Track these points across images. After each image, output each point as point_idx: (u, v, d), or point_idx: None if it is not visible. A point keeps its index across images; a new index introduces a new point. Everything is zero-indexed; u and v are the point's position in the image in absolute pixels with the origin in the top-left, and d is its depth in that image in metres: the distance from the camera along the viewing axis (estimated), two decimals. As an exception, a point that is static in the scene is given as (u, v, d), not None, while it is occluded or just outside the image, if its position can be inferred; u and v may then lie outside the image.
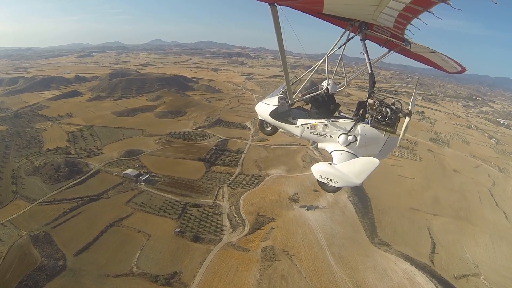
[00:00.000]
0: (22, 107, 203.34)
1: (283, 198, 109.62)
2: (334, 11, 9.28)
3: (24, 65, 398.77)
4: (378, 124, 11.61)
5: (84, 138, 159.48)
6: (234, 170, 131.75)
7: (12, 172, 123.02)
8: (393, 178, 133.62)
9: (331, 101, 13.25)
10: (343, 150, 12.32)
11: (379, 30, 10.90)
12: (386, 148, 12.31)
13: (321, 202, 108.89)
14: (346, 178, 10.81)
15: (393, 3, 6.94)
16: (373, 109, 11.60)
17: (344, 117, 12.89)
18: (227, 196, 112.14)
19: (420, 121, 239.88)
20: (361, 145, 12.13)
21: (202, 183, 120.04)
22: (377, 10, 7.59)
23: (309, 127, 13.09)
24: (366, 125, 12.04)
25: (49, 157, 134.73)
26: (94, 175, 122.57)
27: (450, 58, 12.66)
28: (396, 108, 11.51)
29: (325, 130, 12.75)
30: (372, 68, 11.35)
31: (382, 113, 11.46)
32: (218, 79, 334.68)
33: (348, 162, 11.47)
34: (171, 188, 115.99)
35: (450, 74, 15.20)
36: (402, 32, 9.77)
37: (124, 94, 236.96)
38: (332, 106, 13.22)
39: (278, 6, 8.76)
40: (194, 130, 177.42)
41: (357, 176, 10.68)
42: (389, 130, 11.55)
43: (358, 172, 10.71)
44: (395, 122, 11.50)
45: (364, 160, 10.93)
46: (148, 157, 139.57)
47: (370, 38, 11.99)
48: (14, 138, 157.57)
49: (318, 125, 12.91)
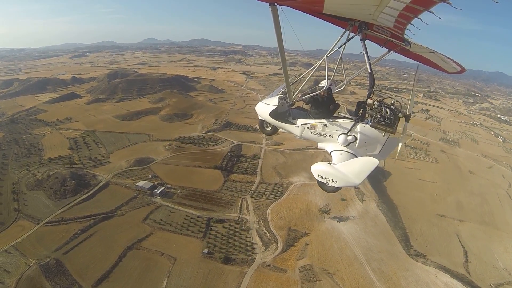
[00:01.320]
0: (18, 111, 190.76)
1: (311, 209, 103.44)
2: (334, 11, 9.20)
3: (18, 66, 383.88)
4: (377, 124, 11.43)
5: (88, 145, 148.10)
6: (254, 179, 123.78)
7: (13, 186, 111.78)
8: (414, 182, 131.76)
9: (330, 101, 13.31)
10: (342, 150, 12.17)
11: (379, 30, 10.78)
12: (386, 148, 12.11)
13: (351, 212, 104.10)
14: (346, 178, 10.66)
15: (393, 3, 6.87)
16: (373, 109, 11.44)
17: (344, 117, 12.63)
18: (252, 209, 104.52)
19: (427, 120, 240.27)
20: (360, 145, 11.98)
21: (223, 195, 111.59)
22: (377, 10, 7.53)
23: (309, 127, 12.97)
24: (366, 125, 11.81)
25: (51, 167, 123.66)
26: (104, 188, 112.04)
27: (450, 58, 12.60)
28: (396, 108, 11.37)
29: (324, 130, 12.63)
30: (371, 68, 11.10)
31: (382, 113, 11.29)
32: (219, 79, 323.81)
33: (348, 162, 11.38)
34: (190, 202, 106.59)
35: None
36: (402, 32, 9.67)
37: (125, 96, 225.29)
38: (332, 106, 13.23)
39: (278, 6, 8.63)
40: (204, 134, 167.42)
41: (356, 176, 10.55)
42: (389, 130, 11.39)
43: (358, 172, 10.58)
44: (394, 122, 11.34)
45: (364, 160, 10.93)
46: (160, 166, 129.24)
47: (370, 38, 11.88)
48: (11, 146, 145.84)
49: (317, 125, 12.77)
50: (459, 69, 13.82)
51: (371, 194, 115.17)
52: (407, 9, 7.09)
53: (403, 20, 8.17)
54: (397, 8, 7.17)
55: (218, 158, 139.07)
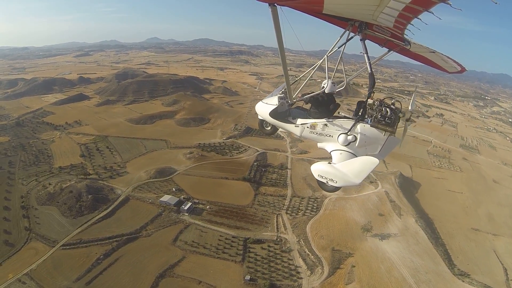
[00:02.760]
0: (24, 113, 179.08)
1: (351, 226, 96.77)
2: (334, 11, 9.16)
3: (21, 65, 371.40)
4: (377, 123, 11.37)
5: (101, 152, 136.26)
6: (285, 191, 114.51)
7: (22, 200, 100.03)
8: (444, 193, 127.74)
9: (330, 100, 13.14)
10: (342, 149, 12.13)
11: (379, 30, 10.80)
12: (385, 148, 11.94)
13: (391, 228, 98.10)
14: (346, 178, 10.66)
15: (393, 3, 6.87)
16: (373, 109, 11.37)
17: (344, 117, 12.52)
18: (290, 226, 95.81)
19: (443, 125, 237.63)
20: (360, 144, 11.87)
21: (256, 210, 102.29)
22: (377, 10, 7.53)
23: (309, 126, 12.91)
24: (366, 124, 11.72)
25: (63, 178, 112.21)
26: (124, 203, 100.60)
27: (450, 58, 12.72)
28: (396, 108, 11.27)
29: (324, 129, 12.58)
30: (372, 68, 11.07)
31: (382, 113, 11.21)
32: (231, 80, 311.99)
33: (348, 161, 11.40)
34: (221, 219, 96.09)
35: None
36: (402, 32, 9.68)
37: (136, 97, 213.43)
38: (332, 105, 13.09)
39: (278, 6, 8.56)
40: (225, 141, 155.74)
41: (356, 175, 10.56)
42: (389, 130, 11.29)
43: (358, 171, 10.62)
44: (394, 122, 11.24)
45: (364, 159, 10.96)
46: (183, 178, 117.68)
47: (370, 38, 11.89)
48: (18, 152, 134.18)
49: (317, 124, 12.73)
50: (459, 68, 13.92)
51: (407, 208, 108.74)
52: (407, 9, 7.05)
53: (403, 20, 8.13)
54: (397, 8, 7.14)
55: (244, 169, 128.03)
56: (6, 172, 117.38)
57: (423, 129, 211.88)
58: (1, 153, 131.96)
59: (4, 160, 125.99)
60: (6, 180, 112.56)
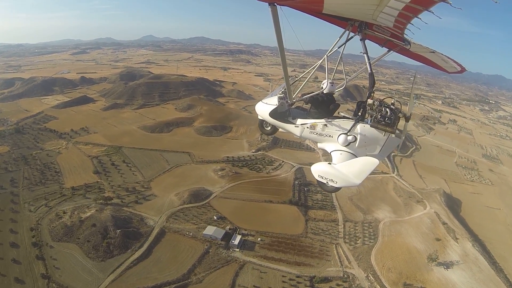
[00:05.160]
0: (24, 117, 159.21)
1: (414, 255, 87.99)
2: (334, 11, 9.12)
3: (17, 62, 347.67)
4: (377, 124, 11.27)
5: (117, 167, 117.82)
6: (336, 215, 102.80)
7: (32, 233, 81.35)
8: (484, 211, 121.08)
9: (330, 101, 13.14)
10: (342, 150, 12.02)
11: (379, 29, 10.79)
12: (385, 148, 11.88)
13: (452, 255, 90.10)
14: (346, 178, 10.56)
15: (393, 2, 6.80)
16: (373, 109, 11.27)
17: (344, 117, 12.40)
18: (353, 258, 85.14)
19: (460, 133, 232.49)
20: (360, 145, 11.80)
21: (311, 240, 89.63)
22: (377, 10, 7.46)
23: (309, 126, 12.78)
24: (366, 125, 11.62)
25: (78, 202, 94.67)
26: (160, 238, 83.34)
27: (450, 58, 12.77)
28: (396, 108, 11.25)
29: (324, 130, 12.46)
30: (371, 68, 11.01)
31: (382, 113, 11.13)
32: (240, 82, 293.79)
33: (348, 162, 11.32)
34: (278, 254, 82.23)
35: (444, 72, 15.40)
36: (402, 32, 9.70)
37: (146, 101, 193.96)
38: (332, 106, 13.04)
39: (278, 6, 8.50)
40: (254, 154, 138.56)
41: (356, 176, 10.46)
42: (389, 130, 11.21)
43: (358, 172, 10.53)
44: (394, 122, 11.18)
45: (364, 160, 10.94)
46: (222, 202, 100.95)
47: (370, 37, 11.85)
48: (20, 166, 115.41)
49: (317, 125, 12.61)
50: (459, 68, 13.89)
51: (460, 230, 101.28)
52: (406, 8, 6.99)
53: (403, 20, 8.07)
54: (397, 8, 7.06)
55: (287, 189, 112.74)
56: (8, 194, 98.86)
57: (442, 137, 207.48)
58: (1, 167, 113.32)
59: (5, 177, 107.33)
60: (10, 204, 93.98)
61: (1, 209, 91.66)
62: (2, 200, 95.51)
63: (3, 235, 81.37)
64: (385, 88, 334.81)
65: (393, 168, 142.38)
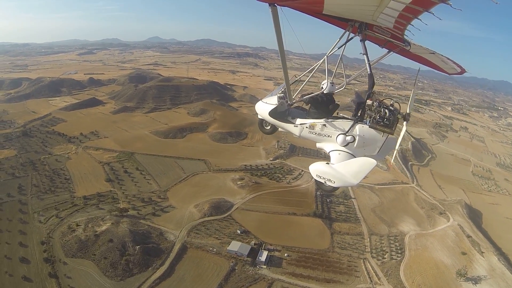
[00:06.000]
0: (31, 119, 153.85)
1: (442, 270, 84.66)
2: (334, 11, 9.09)
3: (23, 62, 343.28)
4: (376, 124, 11.22)
5: (130, 175, 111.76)
6: (360, 228, 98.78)
7: (43, 247, 75.06)
8: (504, 222, 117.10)
9: (330, 101, 13.12)
10: (341, 150, 12.02)
11: (379, 30, 10.80)
12: (384, 149, 11.93)
13: (479, 270, 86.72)
14: (343, 178, 10.65)
15: (393, 3, 6.78)
16: (372, 110, 11.25)
17: (343, 117, 12.44)
18: (382, 274, 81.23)
19: (472, 140, 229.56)
20: (359, 145, 11.80)
21: (339, 255, 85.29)
22: (377, 11, 7.42)
23: (308, 126, 12.77)
24: (365, 125, 11.62)
25: (91, 213, 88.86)
26: (182, 254, 77.46)
27: (450, 59, 12.59)
28: (395, 109, 11.22)
29: (323, 130, 12.44)
30: (371, 69, 11.01)
31: (381, 114, 11.10)
32: (251, 86, 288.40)
33: (346, 162, 11.32)
34: (306, 270, 77.56)
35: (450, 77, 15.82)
36: (402, 33, 9.66)
37: (157, 105, 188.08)
38: (331, 106, 13.05)
39: (278, 6, 8.49)
40: (272, 162, 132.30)
41: (354, 176, 10.52)
42: (387, 131, 11.18)
43: (356, 172, 10.57)
44: (393, 123, 11.14)
45: (362, 160, 10.86)
46: (244, 215, 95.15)
47: (370, 38, 11.77)
48: (28, 171, 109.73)
49: (316, 125, 12.59)
50: (459, 70, 13.67)
51: (484, 243, 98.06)
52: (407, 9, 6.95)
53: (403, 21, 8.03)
54: (397, 9, 7.02)
55: (309, 200, 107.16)
56: (17, 202, 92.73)
57: (456, 145, 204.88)
58: (8, 172, 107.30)
59: (12, 183, 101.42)
60: (18, 214, 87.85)
61: (9, 219, 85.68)
62: (10, 209, 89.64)
63: (12, 249, 75.32)
64: (394, 94, 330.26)
65: (412, 178, 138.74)
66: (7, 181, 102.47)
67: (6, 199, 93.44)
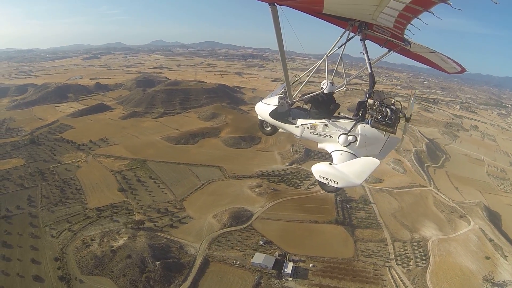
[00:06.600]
0: (38, 126, 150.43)
1: (468, 276, 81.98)
2: (334, 11, 9.02)
3: (28, 68, 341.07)
4: (378, 124, 11.11)
5: (143, 184, 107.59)
6: (382, 234, 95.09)
7: (57, 264, 70.72)
8: None
9: (330, 101, 12.94)
10: (343, 150, 11.81)
11: (379, 30, 10.65)
12: (386, 148, 11.74)
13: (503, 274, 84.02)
14: (347, 179, 10.36)
15: (393, 3, 6.72)
16: (373, 109, 11.11)
17: (344, 117, 12.30)
18: (409, 282, 78.14)
19: (484, 139, 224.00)
20: (361, 145, 11.61)
21: (364, 264, 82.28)
22: (377, 10, 7.35)
23: (309, 127, 12.59)
24: (366, 125, 11.46)
25: (106, 226, 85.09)
26: (204, 269, 73.61)
27: (450, 58, 12.44)
28: (396, 108, 11.05)
29: (325, 130, 12.26)
30: (371, 68, 10.85)
31: (382, 113, 10.94)
32: (259, 88, 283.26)
33: (348, 162, 11.10)
34: (333, 281, 74.41)
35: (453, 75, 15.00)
36: (402, 32, 9.57)
37: (167, 109, 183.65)
38: (332, 106, 12.85)
39: (278, 6, 8.41)
40: (288, 167, 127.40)
41: (357, 176, 10.27)
42: (389, 130, 11.05)
43: (359, 172, 10.32)
44: (395, 122, 11.00)
45: (364, 160, 10.63)
46: (265, 224, 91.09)
47: (370, 38, 11.69)
48: (37, 181, 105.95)
49: (318, 125, 12.42)
50: (459, 69, 13.53)
51: (507, 247, 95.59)
52: (406, 9, 6.88)
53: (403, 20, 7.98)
54: (396, 8, 6.95)
55: (330, 207, 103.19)
56: (27, 215, 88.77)
57: (468, 145, 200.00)
58: (17, 183, 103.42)
59: (21, 194, 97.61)
60: (29, 228, 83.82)
61: (19, 233, 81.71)
62: (20, 222, 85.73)
63: (24, 266, 71.15)
64: (401, 93, 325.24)
65: (429, 181, 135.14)
66: (16, 192, 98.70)
67: (16, 212, 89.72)
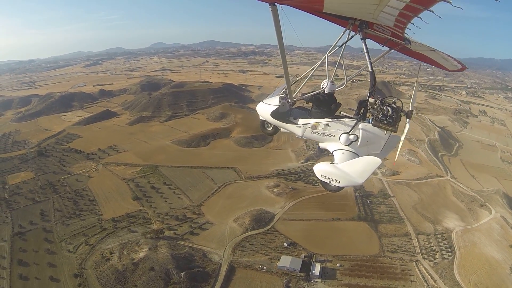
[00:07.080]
0: (45, 138, 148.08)
1: (494, 266, 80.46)
2: (334, 10, 8.99)
3: (30, 78, 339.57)
4: (379, 123, 10.87)
5: (158, 191, 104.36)
6: (405, 228, 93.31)
7: (77, 281, 67.91)
8: None
9: (331, 100, 12.75)
10: (344, 149, 11.60)
11: (379, 29, 10.54)
12: (387, 147, 11.51)
13: None
14: (349, 178, 10.27)
15: (393, 2, 6.70)
16: (374, 108, 10.91)
17: (346, 116, 12.08)
18: (437, 276, 76.45)
19: (493, 124, 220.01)
20: (362, 144, 11.38)
21: (390, 259, 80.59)
22: (378, 9, 7.30)
23: (311, 126, 12.39)
24: (368, 124, 11.26)
25: (124, 237, 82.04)
26: (231, 276, 71.20)
27: (450, 56, 12.39)
28: (397, 107, 10.86)
29: (326, 129, 12.05)
30: (372, 67, 10.75)
31: (383, 112, 10.74)
32: (265, 85, 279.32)
33: (350, 161, 10.96)
34: (361, 279, 72.86)
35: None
36: (402, 31, 9.50)
37: (174, 112, 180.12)
38: (333, 105, 12.67)
39: (278, 5, 8.35)
40: (304, 165, 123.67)
41: (359, 175, 10.15)
42: (391, 129, 10.85)
43: (361, 171, 10.19)
44: (396, 121, 10.80)
45: (366, 159, 10.52)
46: (287, 225, 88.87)
47: (371, 37, 11.56)
48: (48, 194, 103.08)
49: (319, 124, 12.24)
50: (460, 66, 13.56)
51: None
52: (407, 8, 6.87)
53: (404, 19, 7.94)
54: (397, 7, 6.91)
55: (351, 203, 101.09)
56: (41, 230, 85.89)
57: (479, 131, 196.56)
58: (28, 197, 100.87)
59: (33, 209, 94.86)
60: (44, 244, 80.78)
61: (35, 250, 78.82)
62: (34, 238, 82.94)
63: (43, 285, 68.61)
64: (407, 82, 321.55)
65: (445, 170, 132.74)
66: (28, 207, 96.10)
67: (29, 228, 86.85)
